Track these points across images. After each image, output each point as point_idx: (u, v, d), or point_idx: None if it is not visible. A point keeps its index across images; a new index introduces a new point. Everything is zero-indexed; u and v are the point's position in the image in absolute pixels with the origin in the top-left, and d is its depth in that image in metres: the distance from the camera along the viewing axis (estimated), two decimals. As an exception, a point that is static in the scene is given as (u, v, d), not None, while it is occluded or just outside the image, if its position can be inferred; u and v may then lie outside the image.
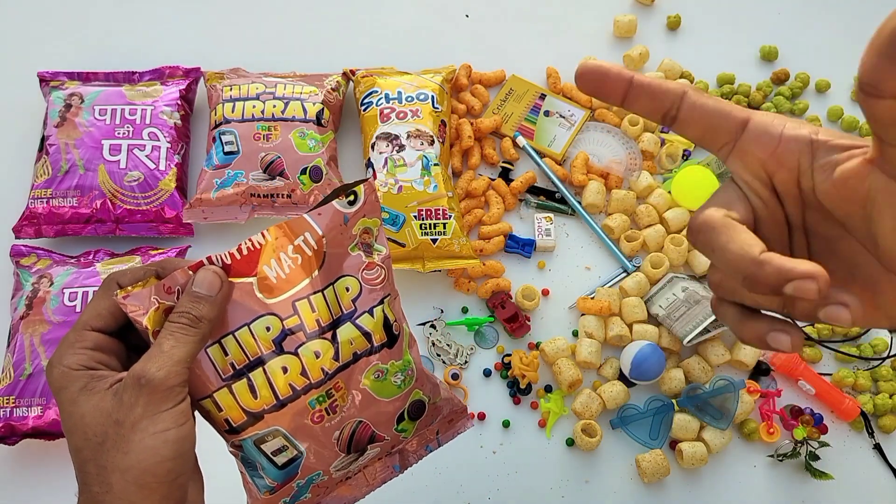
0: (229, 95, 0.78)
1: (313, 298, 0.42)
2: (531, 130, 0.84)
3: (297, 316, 0.41)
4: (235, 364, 0.41)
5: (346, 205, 0.42)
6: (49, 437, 0.66)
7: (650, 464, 0.69)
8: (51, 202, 0.73)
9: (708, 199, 0.36)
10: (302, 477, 0.44)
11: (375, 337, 0.44)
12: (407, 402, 0.46)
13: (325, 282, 0.42)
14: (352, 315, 0.43)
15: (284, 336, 0.41)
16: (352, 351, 0.43)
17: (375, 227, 0.43)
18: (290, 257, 0.41)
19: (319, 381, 0.42)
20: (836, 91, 0.90)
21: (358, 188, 0.42)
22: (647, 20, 0.92)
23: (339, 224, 0.42)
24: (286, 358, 0.41)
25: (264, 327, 0.41)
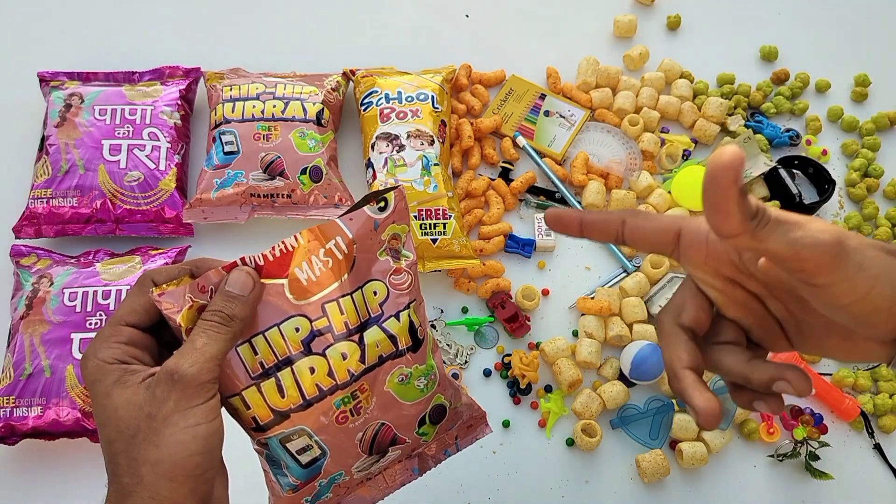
0: (229, 95, 0.78)
1: (342, 301, 0.43)
2: (531, 130, 0.84)
3: (326, 318, 0.42)
4: (265, 363, 0.42)
5: (377, 211, 0.43)
6: (49, 437, 0.66)
7: (650, 464, 0.69)
8: (51, 202, 0.73)
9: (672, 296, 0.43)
10: (324, 476, 0.45)
11: (401, 340, 0.45)
12: (429, 405, 0.47)
13: (353, 285, 0.43)
14: (379, 318, 0.44)
15: (313, 337, 0.42)
16: (377, 354, 0.44)
17: (403, 234, 0.45)
18: (321, 260, 0.42)
19: (345, 382, 0.43)
20: (836, 91, 0.90)
21: (388, 195, 0.43)
22: (647, 20, 0.92)
23: (369, 229, 0.43)
24: (314, 359, 0.42)
25: (294, 328, 0.42)
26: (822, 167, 0.83)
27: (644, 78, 0.86)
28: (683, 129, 0.87)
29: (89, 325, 0.68)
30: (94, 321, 0.68)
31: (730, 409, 0.70)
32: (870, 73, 0.89)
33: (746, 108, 0.87)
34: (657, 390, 0.74)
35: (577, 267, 0.79)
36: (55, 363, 0.66)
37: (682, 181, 0.79)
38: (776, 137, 0.85)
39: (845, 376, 0.75)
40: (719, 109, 0.84)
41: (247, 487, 0.50)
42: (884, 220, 0.83)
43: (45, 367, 0.66)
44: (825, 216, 0.83)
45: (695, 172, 0.80)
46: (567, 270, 0.79)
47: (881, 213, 0.83)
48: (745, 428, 0.73)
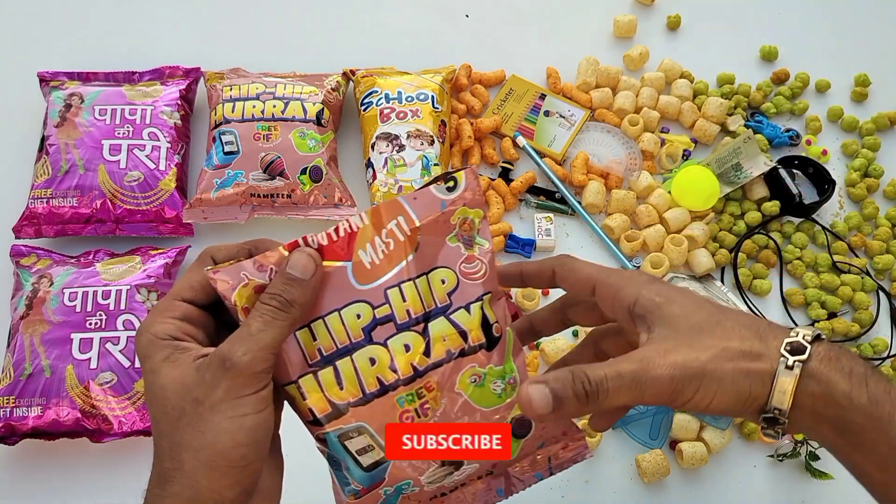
0: (229, 95, 0.78)
1: (404, 287, 0.40)
2: (531, 130, 0.84)
3: (388, 305, 0.40)
4: (323, 350, 0.40)
5: (445, 191, 0.40)
6: (49, 437, 0.66)
7: (650, 464, 0.69)
8: (51, 202, 0.73)
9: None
10: (390, 484, 0.42)
11: (472, 336, 0.41)
12: (509, 415, 0.43)
13: (418, 270, 0.40)
14: (446, 309, 0.41)
15: (375, 325, 0.40)
16: (445, 349, 0.41)
17: (478, 219, 0.41)
18: (383, 242, 0.40)
19: (409, 377, 0.40)
20: (836, 91, 0.90)
21: (458, 174, 0.40)
22: (647, 20, 0.92)
23: (436, 211, 0.40)
24: (375, 348, 0.40)
25: (355, 314, 0.39)
26: (822, 167, 0.83)
27: (644, 78, 0.86)
28: (683, 129, 0.87)
29: (89, 325, 0.68)
30: (94, 321, 0.68)
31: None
32: (870, 73, 0.89)
33: (746, 108, 0.87)
34: (657, 390, 0.74)
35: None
36: (55, 363, 0.66)
37: (682, 181, 0.79)
38: (776, 137, 0.85)
39: (845, 376, 0.75)
40: (719, 109, 0.84)
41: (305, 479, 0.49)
42: (884, 220, 0.83)
43: (45, 367, 0.66)
44: (825, 216, 0.83)
45: (695, 172, 0.80)
46: (567, 270, 0.79)
47: (881, 213, 0.83)
48: (745, 428, 0.73)
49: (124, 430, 0.65)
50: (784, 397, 0.38)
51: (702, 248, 0.78)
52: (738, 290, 0.79)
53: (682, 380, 0.38)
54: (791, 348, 0.39)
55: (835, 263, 0.80)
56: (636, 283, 0.42)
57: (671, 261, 0.77)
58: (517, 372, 0.43)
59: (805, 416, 0.39)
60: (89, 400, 0.65)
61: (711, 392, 0.38)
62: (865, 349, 0.77)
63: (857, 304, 0.78)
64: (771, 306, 0.79)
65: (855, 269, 0.80)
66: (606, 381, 0.38)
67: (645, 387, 0.38)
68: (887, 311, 0.80)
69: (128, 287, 0.70)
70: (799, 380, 0.38)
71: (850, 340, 0.77)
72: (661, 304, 0.41)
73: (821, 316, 0.78)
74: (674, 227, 0.79)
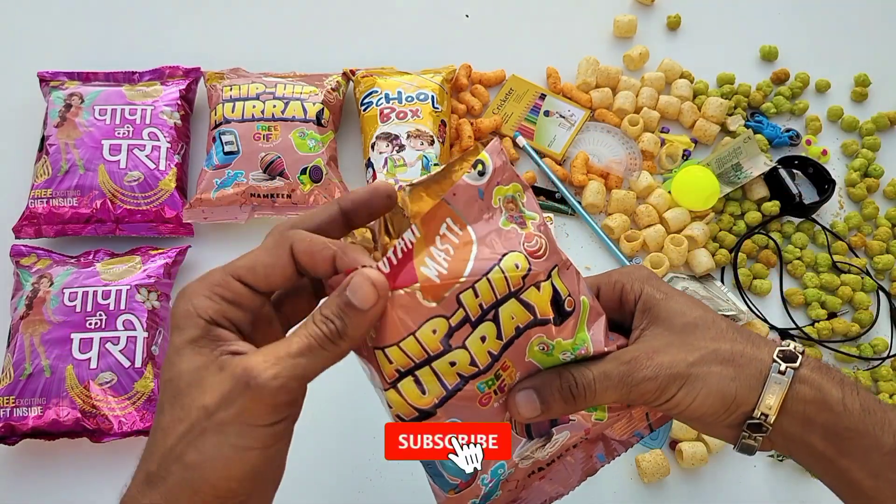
0: (229, 95, 0.78)
1: (478, 285, 0.37)
2: (531, 130, 0.84)
3: (463, 308, 0.37)
4: (401, 368, 0.38)
5: (476, 176, 0.37)
6: (49, 437, 0.66)
7: (650, 464, 0.69)
8: (51, 202, 0.73)
9: None
10: (485, 471, 0.41)
11: (539, 310, 0.39)
12: None
13: (489, 265, 0.37)
14: (519, 291, 0.38)
15: (451, 333, 0.37)
16: (514, 325, 0.39)
17: (518, 194, 0.39)
18: (440, 250, 0.37)
19: (487, 365, 0.39)
20: (836, 91, 0.90)
21: (483, 156, 0.37)
22: (647, 20, 0.92)
23: (475, 199, 0.37)
24: (454, 353, 0.38)
25: (430, 331, 0.37)
26: (822, 167, 0.83)
27: (644, 78, 0.86)
28: (683, 129, 0.87)
29: (89, 325, 0.68)
30: (94, 321, 0.68)
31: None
32: (870, 73, 0.89)
33: (746, 108, 0.87)
34: (657, 390, 0.74)
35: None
36: (55, 363, 0.66)
37: (682, 181, 0.79)
38: (776, 137, 0.85)
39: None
40: (719, 109, 0.84)
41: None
42: (884, 220, 0.83)
43: (45, 367, 0.66)
44: (825, 216, 0.83)
45: (695, 172, 0.80)
46: (567, 270, 0.79)
47: (881, 213, 0.83)
48: (745, 428, 0.73)
49: (124, 430, 0.65)
50: (773, 402, 0.39)
51: (702, 248, 0.78)
52: (738, 290, 0.79)
53: (667, 379, 0.39)
54: (784, 356, 0.40)
55: (835, 263, 0.80)
56: (639, 278, 0.44)
57: (671, 261, 0.77)
58: (590, 342, 0.40)
59: (794, 423, 0.39)
60: (89, 400, 0.65)
61: (695, 392, 0.39)
62: (865, 349, 0.77)
63: (857, 304, 0.78)
64: (771, 306, 0.79)
65: (855, 269, 0.80)
66: (594, 383, 0.39)
67: (631, 387, 0.39)
68: (887, 311, 0.80)
69: (128, 287, 0.70)
70: (791, 386, 0.39)
71: (850, 340, 0.77)
72: (661, 300, 0.42)
73: (821, 316, 0.78)
74: (674, 227, 0.79)
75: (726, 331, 0.41)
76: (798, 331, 0.78)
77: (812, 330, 0.77)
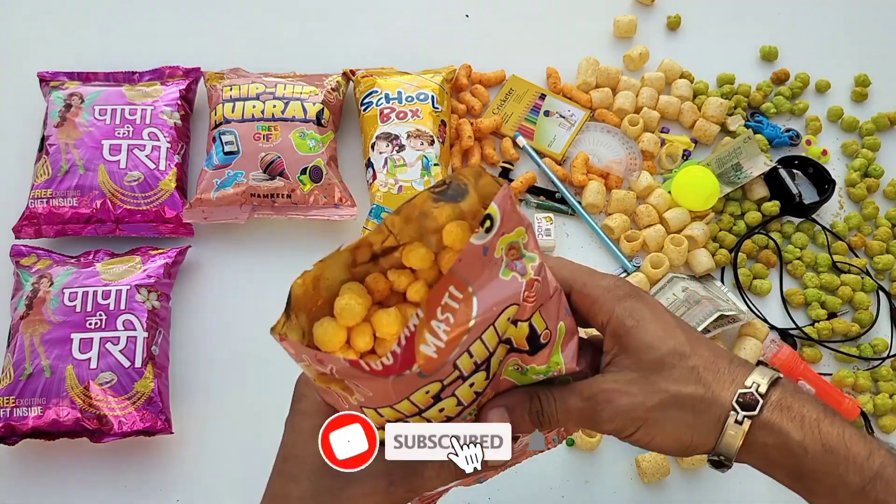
0: (229, 95, 0.78)
1: (472, 348, 0.37)
2: (531, 130, 0.84)
3: (458, 370, 0.37)
4: (390, 419, 0.39)
5: (483, 234, 0.35)
6: (49, 437, 0.66)
7: (650, 464, 0.69)
8: (51, 202, 0.73)
9: None
10: None
11: (516, 342, 0.40)
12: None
13: (484, 326, 0.36)
14: (504, 334, 0.39)
15: (444, 388, 0.37)
16: (498, 362, 0.40)
17: (520, 237, 0.37)
18: (440, 321, 0.35)
19: (471, 400, 0.40)
20: (836, 91, 0.90)
21: (492, 209, 0.34)
22: (647, 20, 0.92)
23: (479, 258, 0.35)
24: (444, 402, 0.39)
25: (424, 391, 0.37)
26: (822, 167, 0.83)
27: (644, 78, 0.86)
28: (683, 129, 0.87)
29: (89, 325, 0.68)
30: (94, 321, 0.68)
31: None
32: (870, 73, 0.89)
33: (746, 108, 0.87)
34: (657, 390, 0.74)
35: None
36: (55, 363, 0.66)
37: (682, 181, 0.79)
38: (776, 137, 0.85)
39: (845, 376, 0.75)
40: (719, 109, 0.84)
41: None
42: (884, 220, 0.83)
43: (45, 367, 0.66)
44: (825, 216, 0.83)
45: (695, 172, 0.80)
46: (567, 270, 0.79)
47: (881, 213, 0.83)
48: (745, 428, 0.73)
49: (124, 430, 0.65)
50: (731, 450, 0.39)
51: (702, 248, 0.78)
52: (738, 290, 0.79)
53: (625, 422, 0.40)
54: (743, 401, 0.39)
55: (835, 263, 0.80)
56: (611, 298, 0.42)
57: (671, 261, 0.77)
58: (563, 363, 0.41)
59: (757, 462, 0.40)
60: (89, 400, 0.65)
61: (652, 434, 0.40)
62: (865, 349, 0.77)
63: (857, 304, 0.78)
64: (771, 306, 0.79)
65: (855, 269, 0.80)
66: (557, 414, 0.41)
67: (591, 423, 0.41)
68: (887, 311, 0.80)
69: (128, 287, 0.70)
70: (749, 432, 0.39)
71: (850, 340, 0.77)
72: (632, 328, 0.41)
73: (821, 316, 0.78)
74: (674, 227, 0.79)
75: (692, 371, 0.40)
76: (798, 331, 0.78)
77: (812, 330, 0.77)
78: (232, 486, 0.69)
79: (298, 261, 0.77)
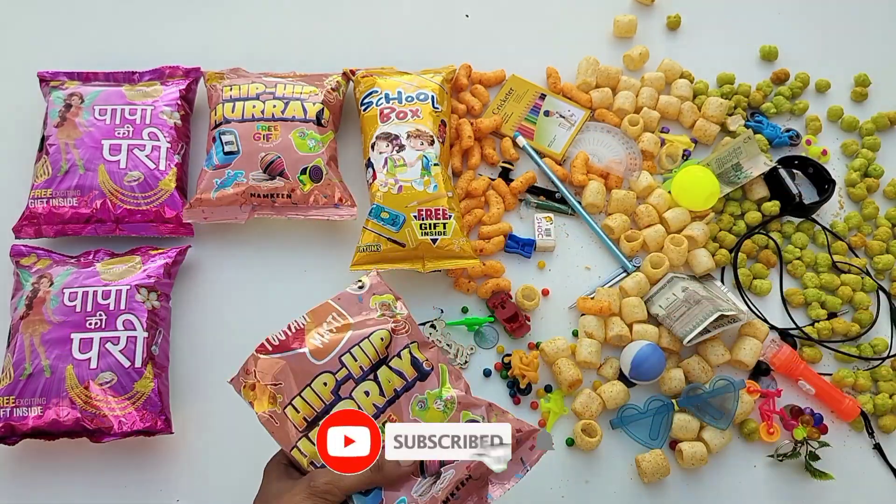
0: (229, 95, 0.78)
1: (354, 350, 0.55)
2: (531, 130, 0.84)
3: (345, 368, 0.55)
4: (307, 417, 0.53)
5: (357, 289, 0.58)
6: (49, 437, 0.66)
7: (650, 464, 0.69)
8: (51, 202, 0.73)
9: None
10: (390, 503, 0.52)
11: (408, 373, 0.56)
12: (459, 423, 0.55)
13: (360, 338, 0.55)
14: (387, 359, 0.56)
15: (339, 386, 0.54)
16: (392, 388, 0.55)
17: (391, 300, 0.59)
18: (326, 330, 0.56)
19: (374, 414, 0.54)
20: (836, 91, 0.90)
21: (364, 279, 0.59)
22: (647, 20, 0.92)
23: (355, 303, 0.58)
24: (344, 403, 0.54)
25: (322, 383, 0.54)
26: (822, 167, 0.83)
27: (644, 78, 0.86)
28: (683, 129, 0.87)
29: (89, 325, 0.68)
30: (94, 321, 0.68)
31: (730, 409, 0.70)
32: (870, 73, 0.89)
33: (746, 108, 0.87)
34: (657, 390, 0.74)
35: (577, 267, 0.79)
36: (55, 363, 0.66)
37: (682, 181, 0.79)
38: (776, 137, 0.85)
39: (845, 376, 0.75)
40: (719, 109, 0.84)
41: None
42: (884, 220, 0.83)
43: (45, 367, 0.66)
44: (825, 216, 0.83)
45: (695, 172, 0.80)
46: (567, 270, 0.79)
47: (881, 213, 0.83)
48: (745, 428, 0.73)
49: (124, 430, 0.65)
50: None
51: (702, 248, 0.78)
52: (738, 290, 0.79)
53: None
54: None
55: (835, 263, 0.80)
56: None
57: (671, 261, 0.77)
58: (453, 393, 0.56)
59: None
60: (89, 400, 0.65)
61: None
62: (865, 349, 0.77)
63: (857, 304, 0.78)
64: (771, 306, 0.79)
65: (855, 269, 0.80)
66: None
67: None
68: (887, 311, 0.80)
69: (128, 287, 0.70)
70: None
71: (850, 340, 0.77)
72: None
73: (821, 316, 0.78)
74: (674, 227, 0.79)
75: None
76: (798, 331, 0.78)
77: (812, 330, 0.77)
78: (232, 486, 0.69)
79: (298, 261, 0.78)
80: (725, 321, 0.72)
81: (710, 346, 0.74)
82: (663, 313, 0.74)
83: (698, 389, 0.72)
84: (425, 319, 0.75)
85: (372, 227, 0.72)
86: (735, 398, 0.70)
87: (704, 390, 0.71)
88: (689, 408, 0.72)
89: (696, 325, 0.70)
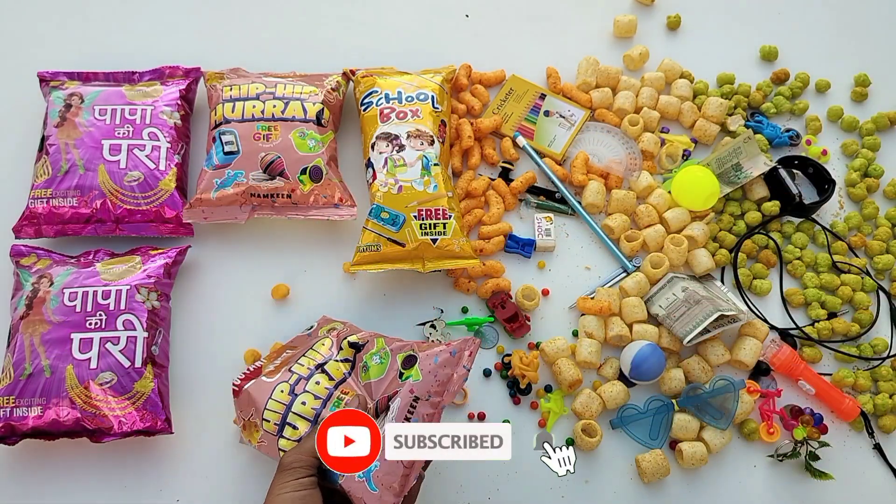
0: (229, 95, 0.78)
1: (301, 359, 0.66)
2: (531, 130, 0.84)
3: (295, 374, 0.64)
4: (276, 422, 0.62)
5: (306, 331, 0.71)
6: (49, 437, 0.66)
7: (650, 464, 0.69)
8: (51, 202, 0.73)
9: None
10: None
11: (350, 356, 0.65)
12: (398, 362, 0.63)
13: (305, 350, 0.67)
14: (330, 357, 0.66)
15: (293, 388, 0.63)
16: (341, 373, 0.64)
17: (339, 325, 0.70)
18: (279, 360, 0.67)
19: (328, 395, 0.63)
20: (836, 91, 0.90)
21: (314, 324, 0.72)
22: (647, 20, 0.92)
23: (305, 338, 0.70)
24: (301, 397, 0.63)
25: (280, 391, 0.63)
26: (822, 167, 0.83)
27: (644, 78, 0.87)
28: (683, 129, 0.87)
29: (89, 325, 0.68)
30: (94, 321, 0.68)
31: (730, 409, 0.70)
32: (870, 73, 0.89)
33: (746, 108, 0.87)
34: (657, 390, 0.74)
35: (577, 267, 0.79)
36: (55, 363, 0.66)
37: (682, 181, 0.79)
38: (776, 137, 0.85)
39: (845, 376, 0.75)
40: (719, 109, 0.84)
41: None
42: (884, 220, 0.83)
43: (45, 366, 0.66)
44: (825, 216, 0.83)
45: (695, 172, 0.80)
46: (567, 270, 0.79)
47: (881, 213, 0.83)
48: (745, 428, 0.73)
49: (124, 430, 0.65)
50: None
51: (702, 248, 0.78)
52: (738, 290, 0.79)
53: None
54: None
55: (835, 263, 0.80)
56: None
57: (671, 261, 0.77)
58: (386, 345, 0.64)
59: None
60: (89, 400, 0.65)
61: None
62: (865, 349, 0.77)
63: (857, 304, 0.78)
64: (771, 306, 0.79)
65: (855, 269, 0.80)
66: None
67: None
68: (887, 311, 0.80)
69: (128, 287, 0.70)
70: None
71: (850, 340, 0.77)
72: None
73: (821, 316, 0.78)
74: (674, 227, 0.79)
75: None
76: (798, 331, 0.78)
77: (812, 330, 0.77)
78: (232, 486, 0.69)
79: (298, 261, 0.78)
80: (725, 321, 0.72)
81: (710, 346, 0.74)
82: (663, 313, 0.74)
83: (698, 389, 0.72)
84: (425, 319, 0.75)
85: (372, 227, 0.72)
86: (735, 398, 0.70)
87: (704, 390, 0.71)
88: (689, 408, 0.72)
89: (696, 325, 0.70)
